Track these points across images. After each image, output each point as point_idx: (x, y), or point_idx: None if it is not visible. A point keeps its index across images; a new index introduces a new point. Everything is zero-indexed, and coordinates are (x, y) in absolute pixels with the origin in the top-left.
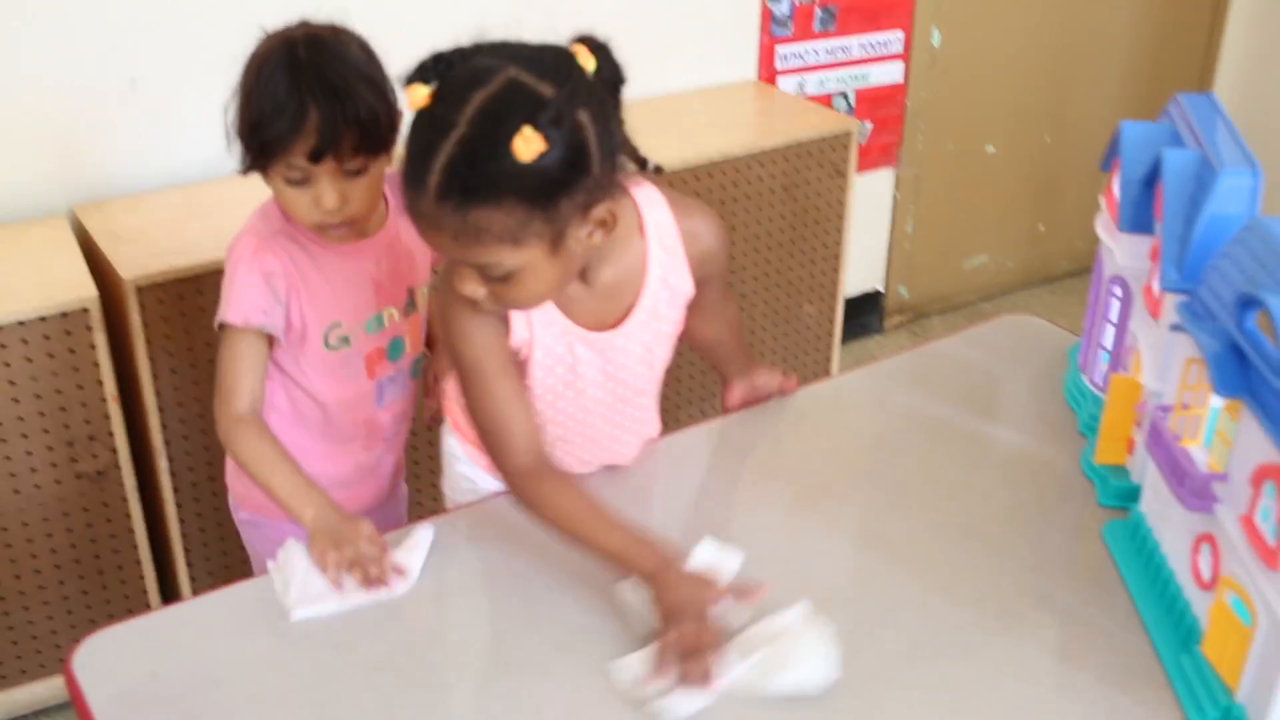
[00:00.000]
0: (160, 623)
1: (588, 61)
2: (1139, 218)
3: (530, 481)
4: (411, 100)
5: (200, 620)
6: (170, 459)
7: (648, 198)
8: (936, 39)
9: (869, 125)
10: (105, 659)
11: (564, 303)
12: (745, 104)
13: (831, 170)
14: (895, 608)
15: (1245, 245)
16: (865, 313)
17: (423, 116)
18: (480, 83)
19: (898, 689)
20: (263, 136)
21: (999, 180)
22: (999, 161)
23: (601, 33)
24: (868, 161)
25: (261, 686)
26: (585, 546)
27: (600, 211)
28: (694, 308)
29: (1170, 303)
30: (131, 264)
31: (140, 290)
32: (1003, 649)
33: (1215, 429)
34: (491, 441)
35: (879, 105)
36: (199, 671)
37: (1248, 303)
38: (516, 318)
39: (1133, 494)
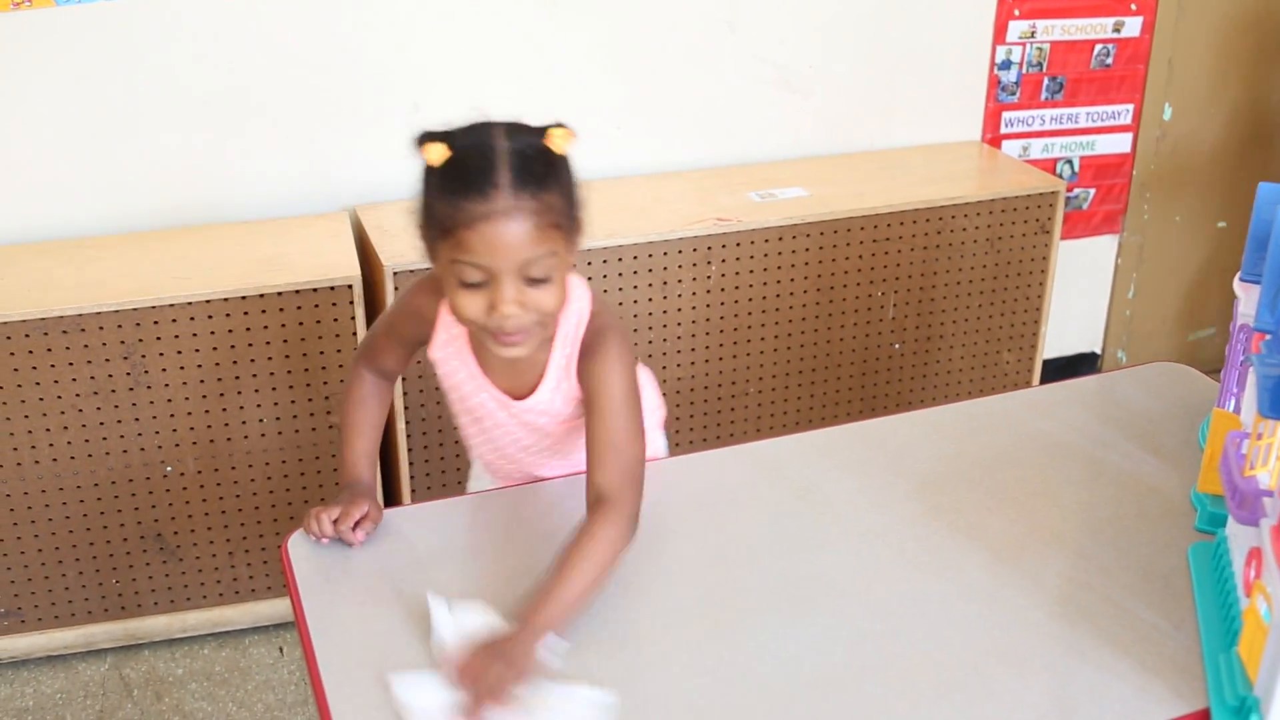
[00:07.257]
0: None
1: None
2: (1259, 268)
3: None
4: (432, 155)
5: (396, 521)
6: (407, 421)
7: (579, 289)
8: (1168, 113)
9: (1092, 191)
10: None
11: (483, 360)
12: (962, 162)
13: (1037, 227)
14: (974, 587)
15: None
16: (1081, 373)
17: (455, 159)
18: (489, 126)
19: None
20: None
21: (1232, 255)
22: (1232, 236)
23: (838, 90)
24: (1090, 227)
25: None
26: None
27: (578, 243)
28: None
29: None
30: (393, 253)
31: (396, 275)
32: (1060, 631)
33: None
34: None
35: (1104, 173)
36: (388, 561)
37: None
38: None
39: (1224, 520)
